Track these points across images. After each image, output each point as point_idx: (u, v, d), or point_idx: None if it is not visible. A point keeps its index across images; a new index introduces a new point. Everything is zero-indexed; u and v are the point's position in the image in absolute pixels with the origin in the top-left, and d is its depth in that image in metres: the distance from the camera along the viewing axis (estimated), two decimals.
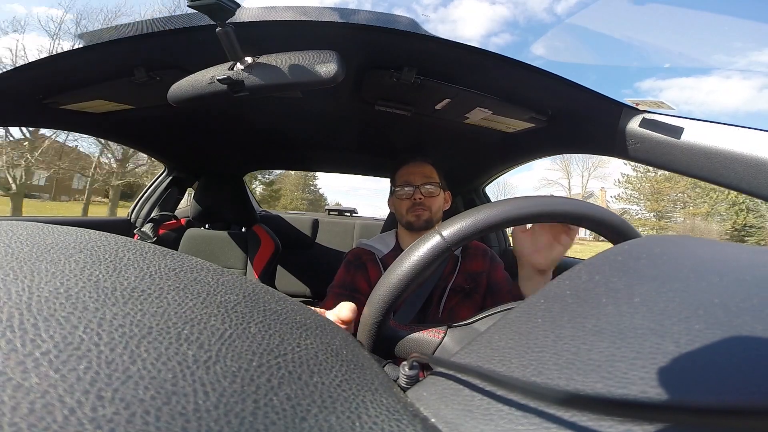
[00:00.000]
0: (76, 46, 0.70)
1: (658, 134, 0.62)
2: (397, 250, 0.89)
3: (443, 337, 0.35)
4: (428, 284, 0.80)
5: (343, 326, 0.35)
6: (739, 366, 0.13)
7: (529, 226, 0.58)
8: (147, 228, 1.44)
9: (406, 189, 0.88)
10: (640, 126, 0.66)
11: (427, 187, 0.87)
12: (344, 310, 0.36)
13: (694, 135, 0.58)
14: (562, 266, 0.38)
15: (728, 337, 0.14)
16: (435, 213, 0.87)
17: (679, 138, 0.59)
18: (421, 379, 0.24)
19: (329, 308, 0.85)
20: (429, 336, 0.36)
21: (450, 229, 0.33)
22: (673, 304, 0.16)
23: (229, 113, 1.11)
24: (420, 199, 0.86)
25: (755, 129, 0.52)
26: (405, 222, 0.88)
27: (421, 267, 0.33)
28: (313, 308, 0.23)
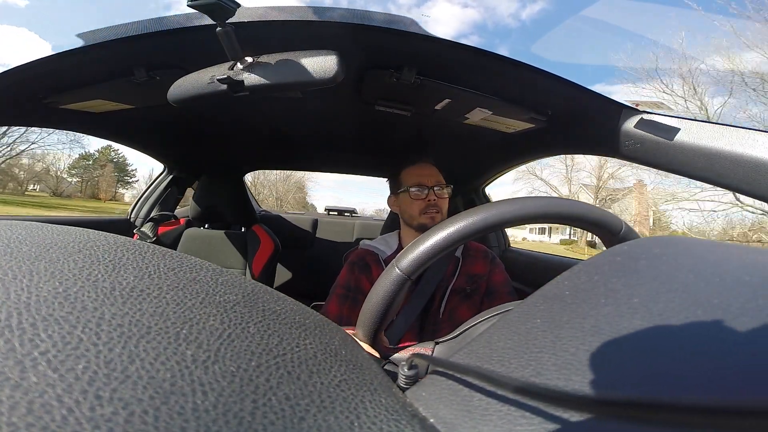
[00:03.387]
0: (75, 46, 0.70)
1: (657, 135, 0.63)
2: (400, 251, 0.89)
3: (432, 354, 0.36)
4: (430, 285, 0.80)
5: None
6: (739, 366, 0.13)
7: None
8: (146, 228, 1.44)
9: (422, 190, 0.87)
10: (639, 126, 0.66)
11: (440, 189, 0.87)
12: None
13: (693, 135, 0.58)
14: (563, 266, 0.38)
15: (728, 338, 0.14)
16: (444, 214, 0.88)
17: (678, 138, 0.59)
18: (420, 380, 0.24)
19: (333, 309, 0.85)
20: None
21: (404, 261, 0.34)
22: (672, 305, 0.16)
23: (228, 113, 1.11)
24: (434, 200, 0.86)
25: (755, 130, 0.52)
26: (417, 224, 0.87)
27: (389, 301, 0.34)
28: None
